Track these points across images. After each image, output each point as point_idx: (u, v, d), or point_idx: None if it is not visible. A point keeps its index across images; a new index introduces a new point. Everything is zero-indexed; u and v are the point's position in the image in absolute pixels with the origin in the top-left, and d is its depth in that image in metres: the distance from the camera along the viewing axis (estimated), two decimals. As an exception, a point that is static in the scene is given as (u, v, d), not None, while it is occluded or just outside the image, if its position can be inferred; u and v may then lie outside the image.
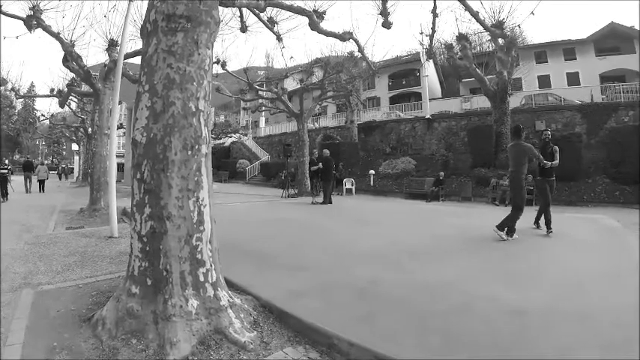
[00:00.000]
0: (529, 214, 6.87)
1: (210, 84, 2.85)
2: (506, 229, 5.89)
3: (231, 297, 2.85)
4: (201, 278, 2.66)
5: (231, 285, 3.17)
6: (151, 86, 2.60)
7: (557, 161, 6.48)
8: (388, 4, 9.78)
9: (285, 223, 7.97)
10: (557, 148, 6.57)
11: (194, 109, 2.68)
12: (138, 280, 2.63)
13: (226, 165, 29.82)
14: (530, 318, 2.83)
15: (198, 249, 2.67)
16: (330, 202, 11.66)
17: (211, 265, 2.75)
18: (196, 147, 2.70)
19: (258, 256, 4.66)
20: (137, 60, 12.05)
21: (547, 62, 29.17)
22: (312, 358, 2.43)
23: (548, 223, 6.47)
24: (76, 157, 36.27)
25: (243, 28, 11.50)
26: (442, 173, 15.86)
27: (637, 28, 26.62)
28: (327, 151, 12.55)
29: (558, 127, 18.60)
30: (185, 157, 2.63)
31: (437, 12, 8.65)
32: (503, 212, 7.75)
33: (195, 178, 2.69)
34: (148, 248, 2.60)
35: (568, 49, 28.96)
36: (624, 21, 43.00)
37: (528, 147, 5.98)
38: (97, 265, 4.50)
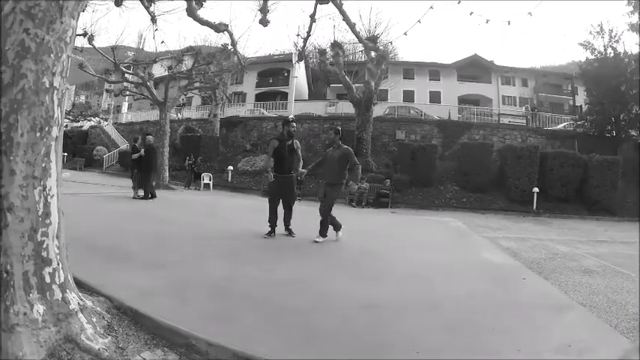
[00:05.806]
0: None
1: (70, 59, 2.63)
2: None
3: (81, 299, 2.69)
4: (48, 279, 2.45)
5: (80, 285, 2.99)
6: (2, 52, 2.29)
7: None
8: (269, 2, 10.08)
9: (141, 216, 7.81)
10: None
11: (48, 85, 2.44)
12: (-29, 285, 2.27)
13: (83, 151, 27.65)
14: (383, 309, 3.35)
15: (44, 245, 2.45)
16: (154, 197, 10.85)
17: (58, 264, 2.55)
18: (46, 129, 2.47)
19: (111, 253, 4.47)
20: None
21: (413, 79, 33.59)
22: (170, 361, 2.47)
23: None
24: None
25: (118, 2, 10.72)
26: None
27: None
28: (150, 138, 11.63)
29: (417, 138, 21.44)
30: (33, 139, 2.39)
31: (316, 17, 9.23)
32: (357, 213, 8.44)
33: (43, 164, 2.46)
34: (-17, 246, 2.27)
35: (434, 71, 33.90)
36: (485, 55, 51.48)
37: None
38: None
